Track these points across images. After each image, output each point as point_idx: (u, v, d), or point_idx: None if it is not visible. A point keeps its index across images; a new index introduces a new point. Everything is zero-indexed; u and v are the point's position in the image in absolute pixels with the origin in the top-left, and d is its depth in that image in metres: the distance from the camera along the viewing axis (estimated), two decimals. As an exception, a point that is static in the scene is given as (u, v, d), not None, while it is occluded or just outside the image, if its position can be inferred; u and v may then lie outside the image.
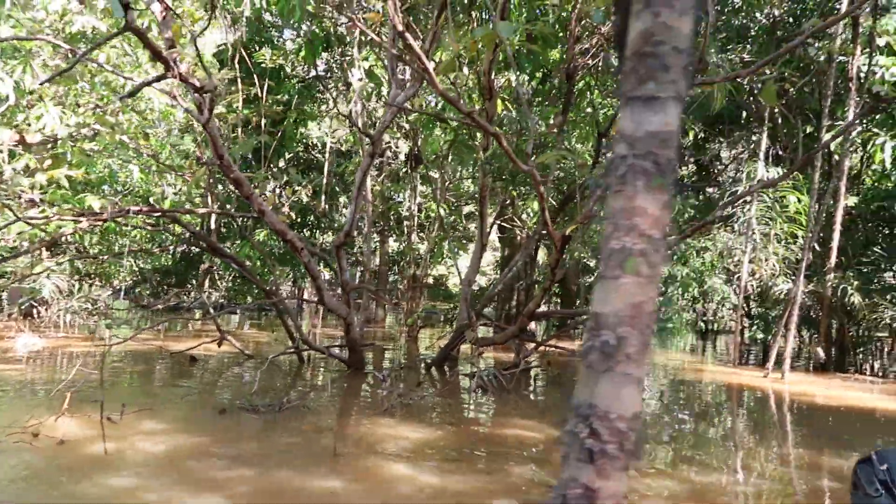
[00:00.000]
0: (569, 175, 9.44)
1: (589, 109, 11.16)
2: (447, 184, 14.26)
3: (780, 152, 15.11)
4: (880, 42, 13.00)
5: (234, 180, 7.15)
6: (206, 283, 17.44)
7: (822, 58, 13.23)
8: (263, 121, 9.70)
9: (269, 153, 13.94)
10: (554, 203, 11.24)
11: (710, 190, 17.77)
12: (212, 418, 6.39)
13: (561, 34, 10.03)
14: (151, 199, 12.54)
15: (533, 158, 6.99)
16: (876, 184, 18.52)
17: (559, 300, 20.93)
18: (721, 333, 22.42)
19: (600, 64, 9.49)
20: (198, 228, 10.73)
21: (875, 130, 13.14)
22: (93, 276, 14.41)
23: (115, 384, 7.83)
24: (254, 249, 14.30)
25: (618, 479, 0.96)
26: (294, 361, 10.18)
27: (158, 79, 5.03)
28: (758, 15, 14.10)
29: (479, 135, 10.50)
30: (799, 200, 13.05)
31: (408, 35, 4.70)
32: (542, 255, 20.80)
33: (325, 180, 15.88)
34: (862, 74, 12.84)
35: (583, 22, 8.79)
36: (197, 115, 6.71)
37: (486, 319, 10.60)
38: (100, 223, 7.13)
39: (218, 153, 7.05)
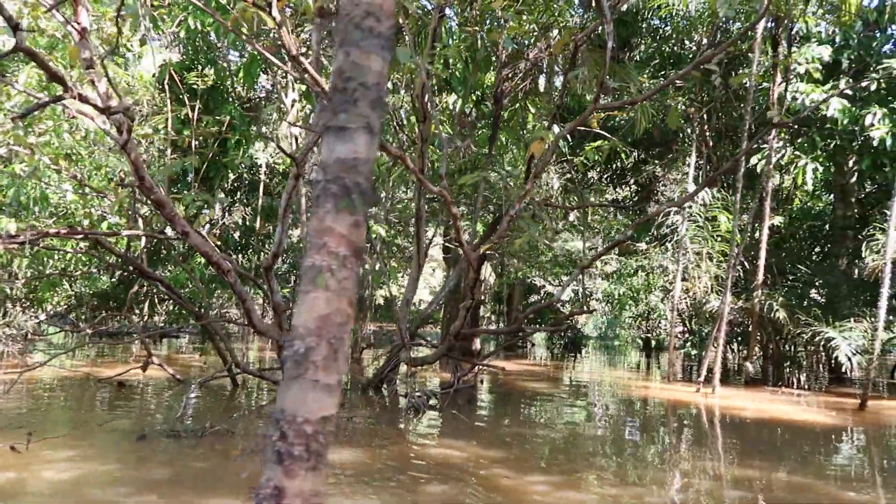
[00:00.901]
0: (498, 195, 9.64)
1: (522, 131, 11.46)
2: (389, 204, 14.36)
3: (712, 173, 15.66)
4: (801, 69, 13.70)
5: (154, 202, 7.11)
6: (146, 307, 17.09)
7: (746, 83, 13.86)
8: (195, 142, 9.67)
9: (203, 174, 13.83)
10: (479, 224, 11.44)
11: (650, 210, 18.29)
12: (129, 445, 6.29)
13: (494, 58, 10.31)
14: (87, 222, 12.33)
15: (456, 179, 7.16)
16: (807, 204, 19.35)
17: (506, 319, 21.16)
18: (666, 350, 22.93)
19: (528, 87, 9.76)
20: (131, 250, 10.56)
21: (798, 153, 13.75)
22: (24, 300, 14.01)
23: (35, 412, 7.63)
24: (194, 271, 14.11)
25: (305, 479, 1.04)
26: (229, 385, 10.07)
27: (55, 100, 5.00)
28: (687, 42, 14.69)
29: (414, 156, 10.64)
30: (729, 220, 13.53)
31: (302, 59, 4.79)
32: (492, 275, 21.02)
33: (267, 202, 15.81)
34: (787, 99, 13.51)
35: (510, 48, 9.07)
36: (115, 137, 6.67)
37: (422, 340, 10.67)
38: (15, 246, 6.98)
39: (139, 175, 7.00)
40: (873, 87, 13.61)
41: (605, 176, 19.60)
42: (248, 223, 18.81)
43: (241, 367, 9.76)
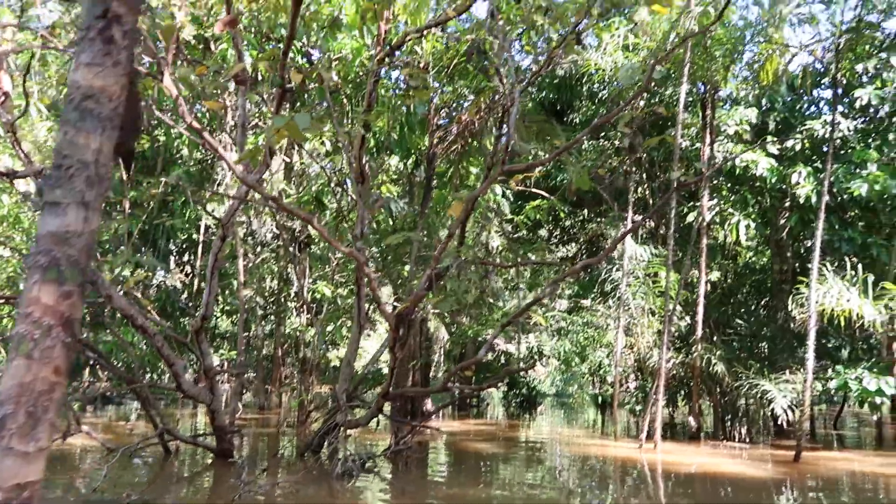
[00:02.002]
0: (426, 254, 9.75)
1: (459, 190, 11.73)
2: (335, 264, 14.36)
3: (656, 230, 16.13)
4: (730, 130, 14.36)
5: (76, 266, 7.03)
6: (87, 372, 16.58)
7: (681, 143, 14.48)
8: (127, 204, 9.65)
9: (148, 236, 13.71)
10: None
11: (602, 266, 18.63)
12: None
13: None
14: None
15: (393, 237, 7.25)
16: (751, 259, 19.92)
17: (460, 378, 20.92)
18: (619, 406, 22.88)
19: (463, 148, 10.05)
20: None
21: (731, 210, 14.27)
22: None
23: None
24: (137, 336, 13.80)
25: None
26: (162, 452, 9.74)
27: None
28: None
29: (353, 215, 10.75)
30: (669, 276, 13.85)
31: (206, 134, 4.90)
32: (443, 334, 20.95)
33: (204, 262, 15.68)
34: (717, 158, 14.13)
35: (442, 112, 9.38)
36: (36, 201, 6.63)
37: (360, 402, 10.53)
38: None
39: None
40: (798, 147, 14.34)
41: (554, 234, 20.01)
42: (196, 284, 18.57)
43: (173, 433, 9.48)
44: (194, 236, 19.08)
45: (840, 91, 14.99)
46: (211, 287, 8.20)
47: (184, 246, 18.70)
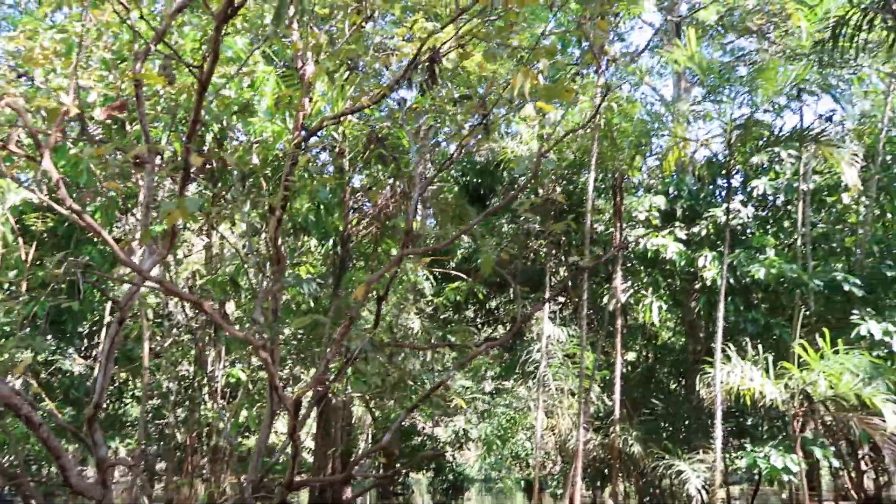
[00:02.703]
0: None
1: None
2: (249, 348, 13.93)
3: (576, 312, 16.49)
4: (641, 216, 15.11)
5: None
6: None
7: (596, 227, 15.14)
8: (24, 285, 9.20)
9: (55, 318, 13.02)
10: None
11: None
12: None
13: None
14: None
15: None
16: (669, 339, 20.53)
17: (383, 465, 20.34)
18: (544, 489, 22.58)
19: (379, 231, 10.19)
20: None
21: (644, 292, 14.81)
22: None
23: None
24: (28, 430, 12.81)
25: None
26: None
27: None
28: (541, 190, 15.93)
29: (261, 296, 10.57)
30: (587, 356, 14.08)
31: (86, 217, 4.81)
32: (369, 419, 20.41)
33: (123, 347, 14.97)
34: (631, 242, 14.79)
35: (358, 195, 9.53)
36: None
37: (268, 494, 10.00)
38: None
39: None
40: (704, 233, 15.16)
41: (480, 315, 20.15)
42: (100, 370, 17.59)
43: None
44: (106, 318, 18.24)
45: (742, 180, 16.18)
46: (105, 373, 7.76)
47: (92, 329, 17.81)
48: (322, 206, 9.56)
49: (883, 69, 12.41)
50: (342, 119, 9.18)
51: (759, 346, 11.83)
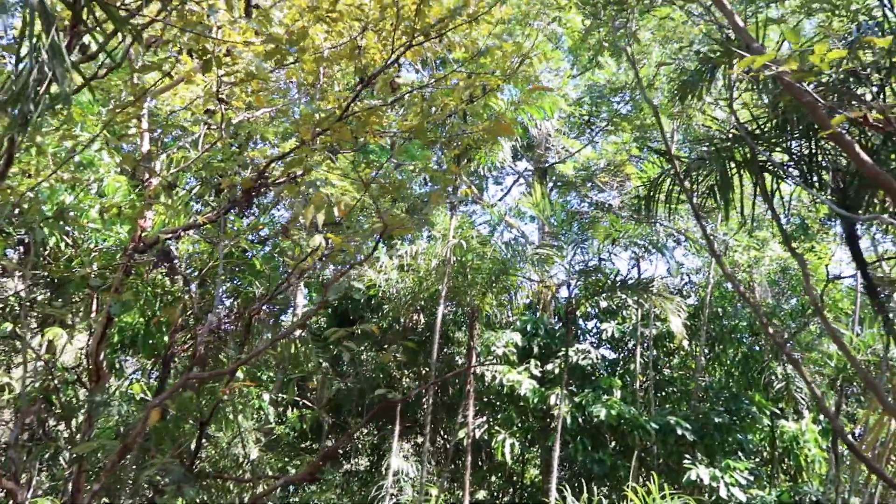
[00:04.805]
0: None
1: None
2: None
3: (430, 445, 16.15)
4: (499, 352, 15.42)
5: None
6: None
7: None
8: None
9: None
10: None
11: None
12: None
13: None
14: None
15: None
16: (535, 478, 20.37)
17: None
18: None
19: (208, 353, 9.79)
20: None
21: (497, 428, 14.81)
22: None
23: None
24: None
25: None
26: None
27: None
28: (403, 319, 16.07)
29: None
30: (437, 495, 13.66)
31: None
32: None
33: None
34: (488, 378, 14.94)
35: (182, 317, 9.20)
36: None
37: None
38: None
39: None
40: (557, 371, 15.59)
41: (342, 445, 19.31)
42: None
43: None
44: None
45: (596, 322, 17.04)
46: None
47: None
48: (151, 323, 9.14)
49: (695, 229, 13.85)
50: (181, 234, 9.05)
51: (595, 488, 11.94)
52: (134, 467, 8.56)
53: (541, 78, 15.41)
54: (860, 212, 8.33)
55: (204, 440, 12.04)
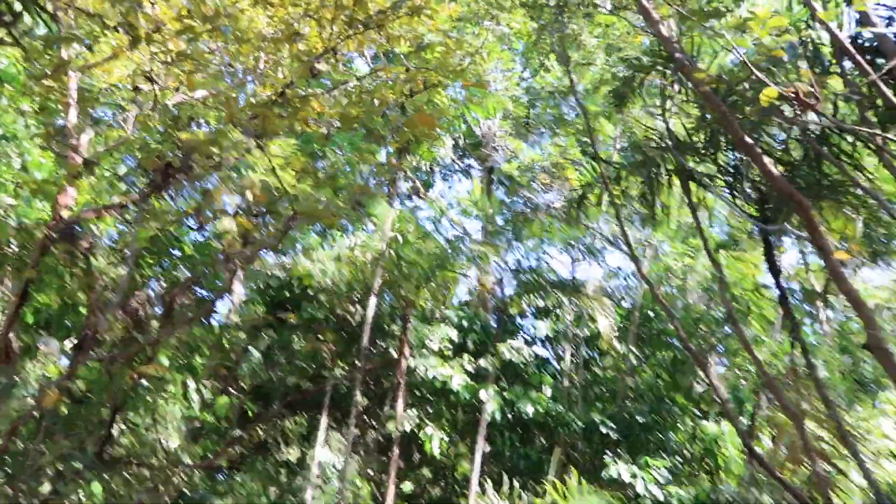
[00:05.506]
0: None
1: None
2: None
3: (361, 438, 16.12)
4: (434, 346, 15.47)
5: None
6: None
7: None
8: None
9: None
10: None
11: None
12: None
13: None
14: None
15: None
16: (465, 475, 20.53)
17: None
18: None
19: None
20: None
21: (427, 421, 14.87)
22: None
23: None
24: None
25: None
26: None
27: None
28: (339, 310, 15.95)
29: None
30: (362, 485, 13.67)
31: None
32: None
33: None
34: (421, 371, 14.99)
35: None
36: None
37: None
38: None
39: None
40: (490, 368, 15.76)
41: (269, 434, 19.07)
42: None
43: None
44: None
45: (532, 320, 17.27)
46: None
47: None
48: (69, 304, 8.85)
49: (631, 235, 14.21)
50: (103, 214, 8.77)
51: (521, 482, 12.15)
52: (41, 454, 8.29)
53: (492, 78, 15.56)
54: (780, 223, 8.67)
55: (123, 426, 11.76)
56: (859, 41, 7.00)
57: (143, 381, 10.39)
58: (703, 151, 9.12)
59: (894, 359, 5.23)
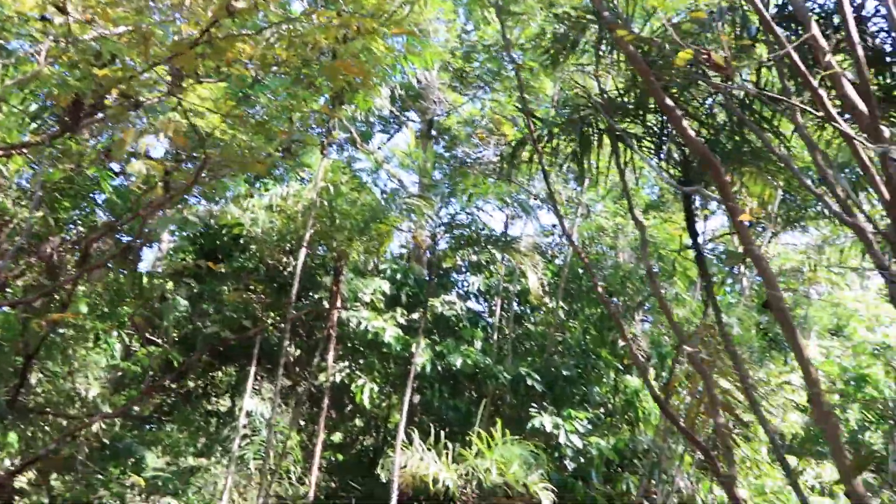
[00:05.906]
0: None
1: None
2: None
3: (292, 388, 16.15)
4: (366, 298, 15.48)
5: None
6: None
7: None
8: None
9: None
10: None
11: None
12: None
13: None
14: None
15: None
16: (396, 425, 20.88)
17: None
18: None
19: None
20: None
21: (358, 373, 14.98)
22: None
23: None
24: None
25: None
26: None
27: None
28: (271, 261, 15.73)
29: None
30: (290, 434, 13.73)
31: None
32: None
33: None
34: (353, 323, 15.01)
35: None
36: None
37: None
38: None
39: None
40: (423, 321, 15.91)
41: (202, 385, 18.87)
42: None
43: None
44: None
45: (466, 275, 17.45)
46: None
47: None
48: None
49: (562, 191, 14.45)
50: (11, 153, 8.29)
51: (442, 433, 12.43)
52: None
53: (431, 29, 15.24)
54: (702, 186, 8.93)
55: (40, 375, 11.40)
56: (786, 11, 7.16)
57: (59, 329, 10.06)
58: (632, 112, 9.24)
59: (790, 318, 5.54)
